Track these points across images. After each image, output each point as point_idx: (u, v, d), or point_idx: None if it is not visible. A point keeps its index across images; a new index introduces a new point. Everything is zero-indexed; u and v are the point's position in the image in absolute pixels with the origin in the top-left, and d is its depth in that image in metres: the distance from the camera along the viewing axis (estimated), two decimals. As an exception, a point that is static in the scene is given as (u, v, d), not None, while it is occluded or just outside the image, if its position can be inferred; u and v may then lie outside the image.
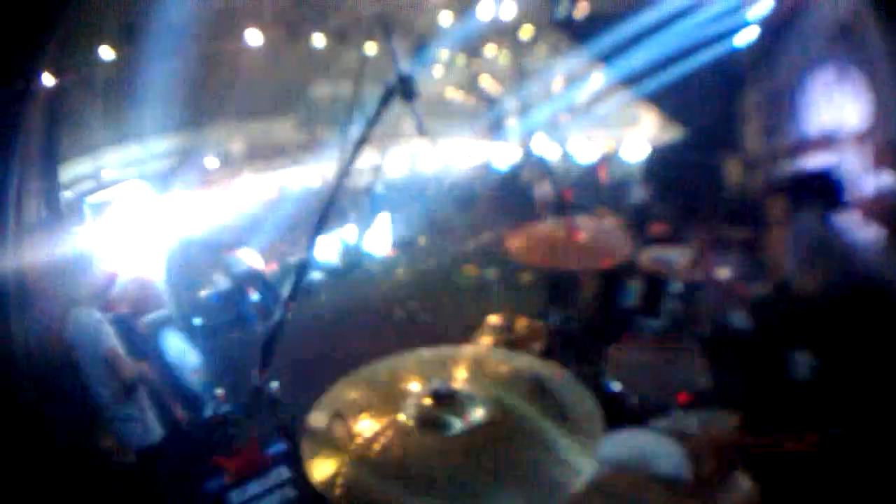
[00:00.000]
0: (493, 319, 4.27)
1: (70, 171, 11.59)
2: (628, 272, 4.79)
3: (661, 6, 8.91)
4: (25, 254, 5.91)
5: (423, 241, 11.56)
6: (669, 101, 9.74)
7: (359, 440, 1.71)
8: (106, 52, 9.69)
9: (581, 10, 11.22)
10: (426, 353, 2.13)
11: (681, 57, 8.62)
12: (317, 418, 1.81)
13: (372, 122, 1.83)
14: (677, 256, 4.63)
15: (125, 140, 12.86)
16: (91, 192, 11.13)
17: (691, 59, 8.52)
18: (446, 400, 1.76)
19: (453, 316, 7.52)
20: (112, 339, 4.49)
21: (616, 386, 3.43)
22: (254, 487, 3.63)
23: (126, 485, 4.72)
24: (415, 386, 1.90)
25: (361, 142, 1.87)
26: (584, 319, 4.56)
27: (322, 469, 1.63)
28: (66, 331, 4.56)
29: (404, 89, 1.78)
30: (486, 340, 4.03)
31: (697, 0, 8.70)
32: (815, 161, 5.64)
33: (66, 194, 10.72)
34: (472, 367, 2.03)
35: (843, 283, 2.62)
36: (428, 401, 1.78)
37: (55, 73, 7.70)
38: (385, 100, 1.80)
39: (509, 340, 3.99)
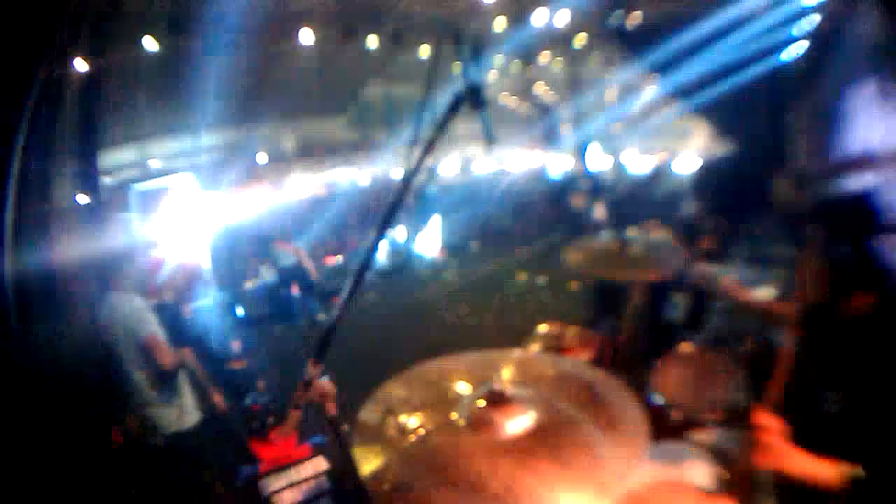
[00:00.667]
0: (544, 327, 4.24)
1: (116, 157, 11.83)
2: (675, 286, 4.74)
3: (712, 19, 8.86)
4: (58, 236, 6.02)
5: (475, 245, 11.49)
6: (720, 115, 9.66)
7: (409, 437, 1.70)
8: (150, 44, 9.74)
9: (633, 20, 11.17)
10: (477, 354, 2.09)
11: (731, 70, 8.56)
12: (368, 412, 1.80)
13: (439, 129, 1.82)
14: (725, 273, 4.56)
15: (175, 132, 13.09)
16: (137, 180, 11.34)
17: (742, 72, 8.45)
18: (499, 402, 1.72)
19: (502, 321, 7.48)
20: (153, 326, 4.51)
21: (658, 399, 3.36)
22: (289, 476, 3.63)
23: (155, 467, 4.76)
24: (464, 387, 1.88)
25: (429, 147, 1.86)
26: (631, 331, 4.50)
27: (371, 463, 1.62)
28: (100, 314, 4.61)
29: (473, 98, 1.77)
30: (536, 348, 4.00)
31: (748, 14, 8.63)
32: (857, 182, 5.53)
33: (108, 180, 10.94)
34: (522, 369, 2.00)
35: (881, 310, 2.54)
36: (481, 402, 1.74)
37: (91, 60, 7.79)
38: (453, 108, 1.79)
39: (559, 348, 3.96)
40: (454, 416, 1.76)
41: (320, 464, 3.69)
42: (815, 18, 7.81)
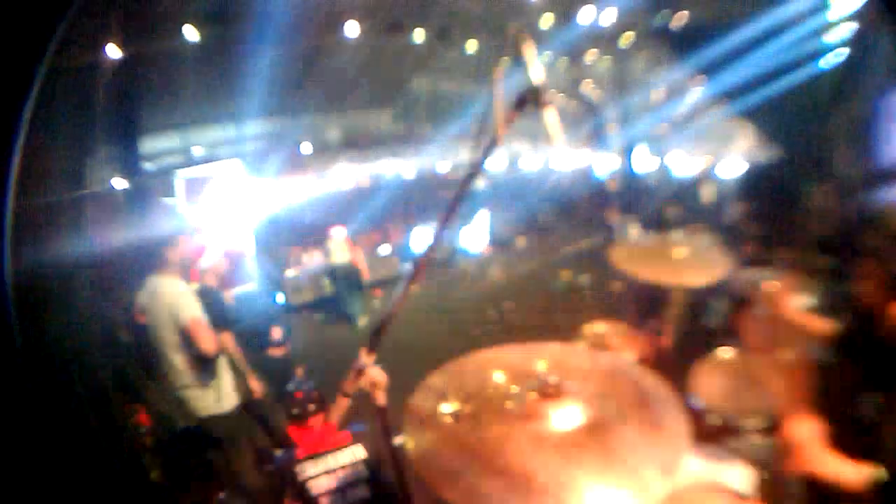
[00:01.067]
0: (591, 326, 4.22)
1: (158, 144, 11.94)
2: (717, 290, 4.71)
3: (758, 22, 8.75)
4: (96, 219, 6.09)
5: (520, 241, 11.35)
6: (765, 119, 9.54)
7: (460, 424, 1.72)
8: (191, 33, 9.66)
9: (678, 20, 11.05)
10: (523, 347, 2.11)
11: (777, 74, 8.45)
12: (420, 399, 1.83)
13: (503, 126, 1.82)
14: (768, 280, 4.52)
15: (218, 120, 13.15)
16: (181, 166, 11.47)
17: (786, 76, 8.34)
18: (552, 395, 1.75)
19: (545, 318, 7.43)
20: (195, 310, 4.52)
21: (697, 402, 3.38)
22: (326, 463, 3.64)
23: (192, 448, 4.82)
24: (511, 379, 1.90)
25: (491, 145, 1.87)
26: (673, 333, 4.48)
27: (421, 448, 1.66)
28: (140, 296, 4.65)
29: (536, 98, 1.78)
30: (582, 345, 3.98)
31: (793, 17, 8.50)
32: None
33: (150, 165, 11.08)
34: (569, 364, 2.00)
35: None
36: (533, 394, 1.76)
37: (125, 47, 7.84)
38: (517, 107, 1.80)
39: (605, 347, 3.96)
40: (507, 405, 1.77)
41: (359, 451, 3.70)
42: (853, 25, 7.71)
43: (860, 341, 2.60)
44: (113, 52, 7.70)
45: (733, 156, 12.95)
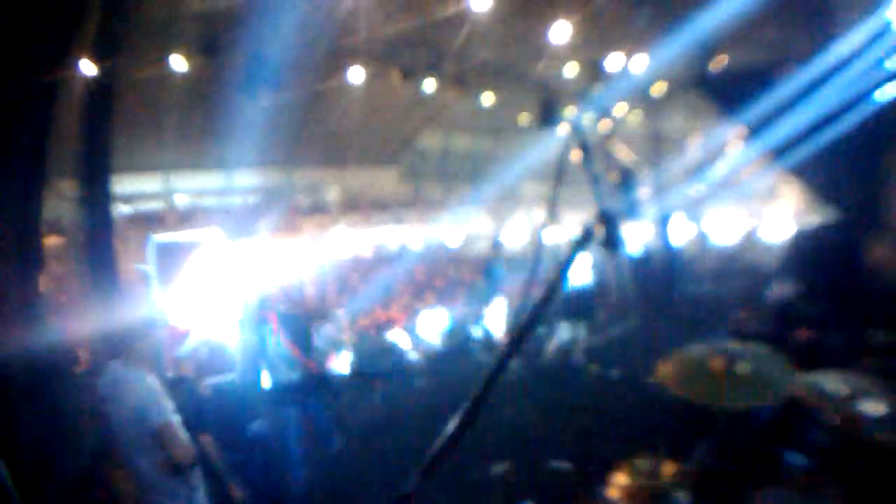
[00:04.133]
0: (638, 462, 4.03)
1: (136, 185, 11.86)
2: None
3: (803, 67, 8.64)
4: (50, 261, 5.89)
5: (543, 329, 10.87)
6: (812, 174, 9.37)
7: None
8: (178, 63, 9.62)
9: (717, 64, 10.96)
10: None
11: (823, 123, 8.29)
12: None
13: (566, 264, 1.69)
14: (835, 385, 4.29)
15: (205, 166, 13.09)
16: (158, 216, 11.36)
17: (834, 125, 8.18)
18: None
19: (568, 421, 7.17)
20: (167, 413, 4.27)
21: None
22: None
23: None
24: None
25: (555, 287, 1.74)
26: (727, 453, 4.30)
27: None
28: (100, 383, 4.42)
29: (608, 237, 1.64)
30: (626, 481, 3.83)
31: (838, 59, 8.39)
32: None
33: (126, 208, 10.94)
34: None
35: None
36: None
37: (103, 67, 7.73)
38: (581, 245, 1.67)
39: (654, 488, 3.80)
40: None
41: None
42: None
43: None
44: (88, 68, 7.59)
45: (779, 216, 12.83)
